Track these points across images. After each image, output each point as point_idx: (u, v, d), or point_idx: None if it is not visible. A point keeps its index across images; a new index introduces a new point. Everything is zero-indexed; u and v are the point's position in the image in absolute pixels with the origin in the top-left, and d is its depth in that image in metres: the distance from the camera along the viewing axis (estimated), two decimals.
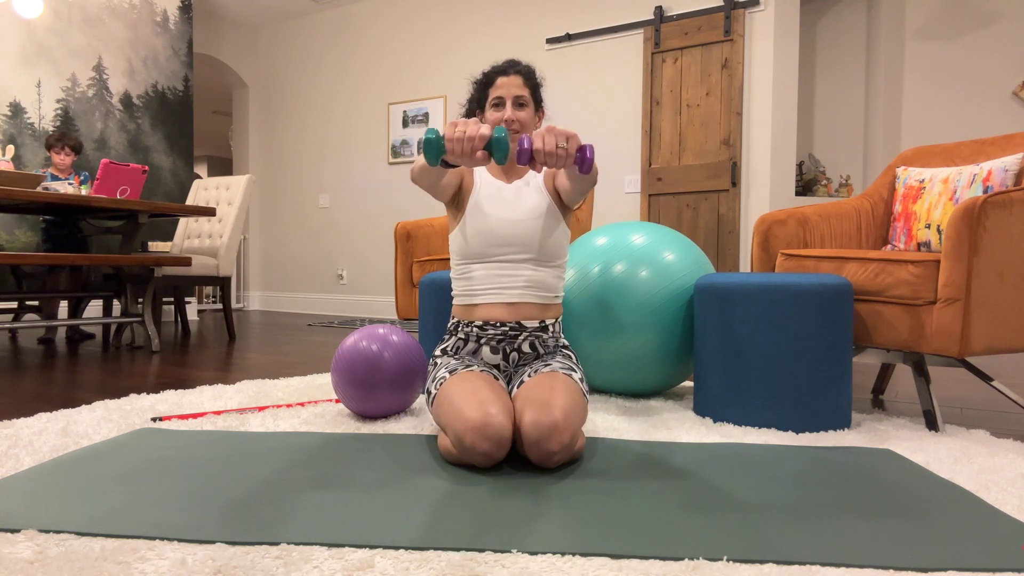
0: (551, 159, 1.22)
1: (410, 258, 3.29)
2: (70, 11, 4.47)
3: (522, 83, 1.60)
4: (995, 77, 4.24)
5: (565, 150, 1.22)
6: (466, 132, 1.19)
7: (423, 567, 0.88)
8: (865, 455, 1.45)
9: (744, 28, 4.18)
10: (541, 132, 1.22)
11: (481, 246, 1.56)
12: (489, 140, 1.19)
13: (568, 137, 1.22)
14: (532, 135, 1.24)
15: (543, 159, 1.22)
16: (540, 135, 1.22)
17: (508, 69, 1.61)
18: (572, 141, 1.22)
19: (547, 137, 1.21)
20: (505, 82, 1.60)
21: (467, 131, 1.19)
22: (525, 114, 1.60)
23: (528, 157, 1.22)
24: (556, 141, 1.21)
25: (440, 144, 1.20)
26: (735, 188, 4.22)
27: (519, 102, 1.59)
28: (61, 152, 3.55)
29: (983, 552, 0.94)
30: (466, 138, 1.19)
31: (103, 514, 1.05)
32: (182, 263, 3.26)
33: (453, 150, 1.21)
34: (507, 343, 1.57)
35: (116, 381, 2.38)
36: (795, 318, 1.65)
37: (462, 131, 1.20)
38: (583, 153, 1.23)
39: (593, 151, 1.24)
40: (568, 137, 1.22)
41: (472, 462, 1.29)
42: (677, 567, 0.89)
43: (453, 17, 5.42)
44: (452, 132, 1.20)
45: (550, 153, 1.21)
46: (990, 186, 1.88)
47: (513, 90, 1.59)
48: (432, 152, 1.19)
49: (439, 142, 1.19)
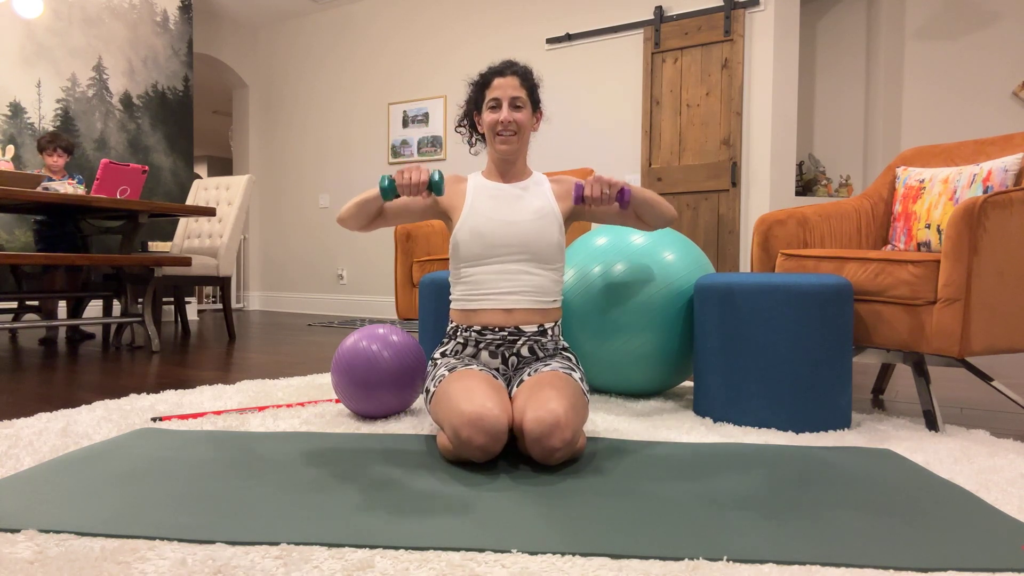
0: (598, 202, 1.56)
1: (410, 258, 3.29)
2: (70, 11, 4.47)
3: (519, 84, 1.60)
4: (995, 77, 4.24)
5: (608, 195, 1.55)
6: (411, 179, 1.50)
7: (423, 567, 0.88)
8: (865, 455, 1.45)
9: (744, 28, 4.18)
10: (590, 181, 1.54)
11: (479, 248, 1.57)
12: (430, 182, 1.51)
13: (612, 184, 1.54)
14: (584, 183, 1.56)
15: (591, 203, 1.56)
16: (590, 183, 1.55)
17: (505, 70, 1.61)
18: (614, 187, 1.55)
19: (595, 186, 1.54)
20: (502, 83, 1.59)
21: (411, 178, 1.50)
22: (522, 115, 1.60)
23: (580, 199, 1.58)
24: (602, 189, 1.54)
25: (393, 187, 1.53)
26: (735, 188, 4.22)
27: (516, 103, 1.59)
28: (54, 154, 3.53)
29: (983, 552, 0.94)
30: (412, 184, 1.50)
31: (103, 514, 1.05)
32: (182, 263, 3.26)
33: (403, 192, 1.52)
34: (506, 348, 1.57)
35: (116, 381, 2.38)
36: (795, 318, 1.65)
37: (408, 177, 1.50)
38: (622, 195, 1.57)
39: (629, 194, 1.57)
40: (612, 184, 1.54)
41: (468, 456, 1.29)
42: (677, 567, 0.89)
43: (453, 17, 5.42)
44: (401, 179, 1.51)
45: (597, 198, 1.55)
46: (990, 186, 1.88)
47: (509, 91, 1.59)
48: (389, 194, 1.53)
49: (392, 186, 1.53)
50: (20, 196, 2.62)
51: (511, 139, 1.60)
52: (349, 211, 1.64)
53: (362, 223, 1.66)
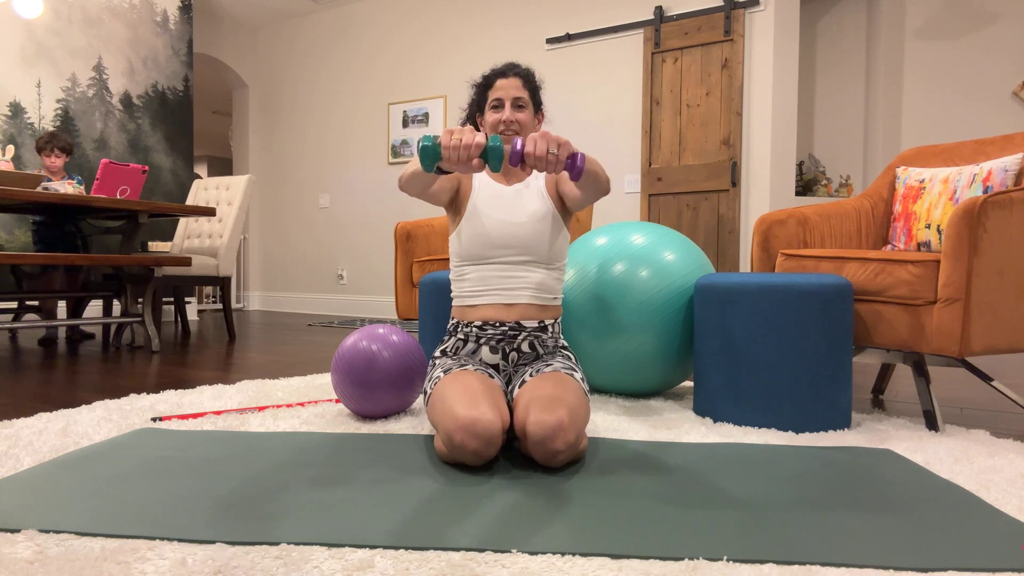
0: (541, 163, 1.22)
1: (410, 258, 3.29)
2: (70, 11, 4.47)
3: (521, 85, 1.61)
4: (995, 77, 4.24)
5: (556, 156, 1.22)
6: (462, 140, 1.20)
7: (423, 567, 0.88)
8: (865, 455, 1.45)
9: (744, 28, 4.18)
10: (534, 136, 1.23)
11: (480, 248, 1.57)
12: (484, 148, 1.20)
13: (560, 144, 1.22)
14: (525, 139, 1.25)
15: (533, 163, 1.22)
16: (532, 139, 1.22)
17: (507, 71, 1.62)
18: (563, 148, 1.22)
19: (539, 142, 1.22)
20: (504, 84, 1.61)
21: (463, 139, 1.20)
22: (524, 116, 1.60)
23: (519, 159, 1.23)
24: (547, 146, 1.21)
25: (437, 151, 1.21)
26: (735, 188, 4.22)
27: (518, 104, 1.60)
28: (52, 154, 3.51)
29: (983, 552, 0.94)
30: (462, 146, 1.20)
31: (103, 514, 1.05)
32: (182, 263, 3.26)
33: (449, 157, 1.22)
34: (506, 343, 1.57)
35: (116, 381, 2.38)
36: (795, 318, 1.65)
37: (458, 139, 1.21)
38: (573, 160, 1.23)
39: (584, 159, 1.25)
40: (560, 144, 1.22)
41: (462, 460, 1.29)
42: (677, 567, 0.89)
43: (453, 17, 5.42)
44: (448, 140, 1.21)
45: (540, 157, 1.22)
46: (990, 186, 1.88)
47: (512, 92, 1.60)
48: (428, 159, 1.21)
49: (436, 149, 1.20)
50: (20, 196, 2.62)
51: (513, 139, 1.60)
52: (407, 178, 1.48)
53: (418, 190, 1.50)
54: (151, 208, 3.13)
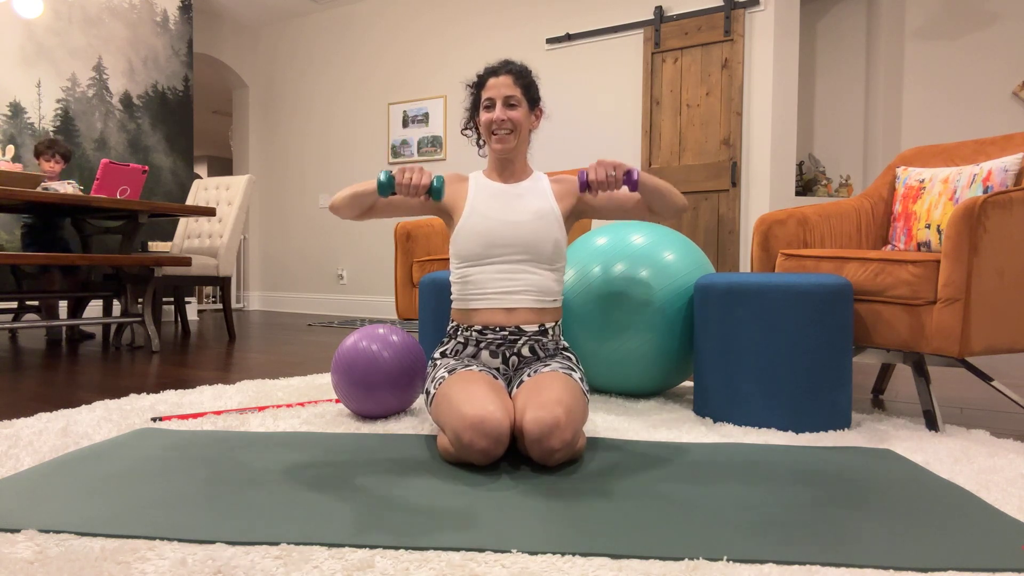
0: (604, 186, 1.51)
1: (410, 258, 3.29)
2: (70, 11, 4.47)
3: (512, 82, 1.59)
4: (995, 77, 4.24)
5: (615, 176, 1.50)
6: (412, 180, 1.48)
7: (423, 567, 0.88)
8: (865, 455, 1.45)
9: (744, 28, 4.18)
10: (593, 166, 1.50)
11: (480, 247, 1.57)
12: (430, 187, 1.51)
13: (615, 166, 1.50)
14: (587, 169, 1.52)
15: (597, 187, 1.51)
16: (593, 168, 1.50)
17: (499, 69, 1.61)
18: (619, 168, 1.51)
19: (598, 169, 1.50)
20: (495, 83, 1.60)
21: (413, 179, 1.48)
22: (517, 113, 1.59)
23: (586, 187, 1.52)
24: (607, 172, 1.50)
25: (392, 184, 1.50)
26: (735, 188, 4.22)
27: (510, 102, 1.59)
28: (51, 160, 3.49)
29: (983, 552, 0.94)
30: (412, 185, 1.48)
31: (103, 514, 1.05)
32: (182, 263, 3.26)
33: (401, 191, 1.50)
34: (506, 347, 1.57)
35: (116, 381, 2.38)
36: (795, 318, 1.65)
37: (409, 177, 1.48)
38: (629, 175, 1.53)
39: (637, 174, 1.53)
40: (615, 166, 1.50)
41: (470, 460, 1.29)
42: (677, 567, 0.89)
43: (453, 17, 5.42)
44: (401, 178, 1.49)
45: (602, 182, 1.50)
46: (990, 186, 1.88)
47: (503, 90, 1.59)
48: (386, 191, 1.50)
49: (391, 182, 1.50)
50: (21, 196, 2.62)
51: (507, 137, 1.60)
52: (343, 200, 1.62)
53: (355, 213, 1.65)
54: (151, 208, 3.13)
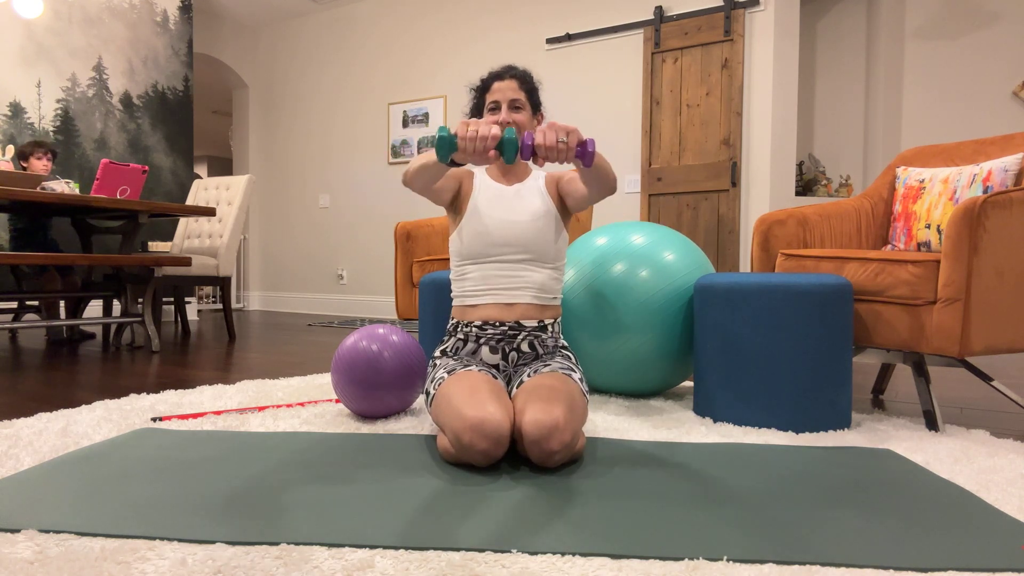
0: (552, 153, 1.26)
1: (410, 258, 3.29)
2: (70, 11, 4.47)
3: (517, 86, 1.62)
4: (995, 77, 4.24)
5: (566, 144, 1.25)
6: (479, 132, 1.24)
7: (423, 567, 0.88)
8: (865, 455, 1.45)
9: (744, 28, 4.18)
10: (543, 128, 1.26)
11: (480, 247, 1.57)
12: (500, 140, 1.23)
13: (568, 132, 1.25)
14: (534, 131, 1.28)
15: (544, 153, 1.26)
16: (541, 131, 1.26)
17: (504, 74, 1.64)
18: (572, 135, 1.26)
19: (548, 133, 1.25)
20: (501, 86, 1.62)
21: (479, 131, 1.24)
22: (521, 116, 1.62)
23: (531, 152, 1.26)
24: (556, 136, 1.25)
25: (453, 142, 1.23)
26: (735, 188, 4.22)
27: (515, 105, 1.61)
28: (43, 158, 3.44)
29: (983, 552, 0.94)
30: (479, 137, 1.24)
31: (103, 514, 1.05)
32: (182, 263, 3.26)
33: (465, 148, 1.25)
34: (506, 343, 1.57)
35: (116, 381, 2.38)
36: (795, 318, 1.65)
37: (475, 130, 1.24)
38: (584, 147, 1.27)
39: (594, 144, 1.28)
40: (568, 132, 1.25)
41: (470, 461, 1.29)
42: (677, 567, 0.89)
43: (453, 17, 5.42)
44: (465, 131, 1.24)
45: (551, 147, 1.25)
46: (990, 186, 1.88)
47: (508, 94, 1.61)
48: (444, 149, 1.23)
49: (452, 140, 1.23)
50: (20, 196, 2.62)
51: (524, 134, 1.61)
52: (414, 170, 1.49)
53: (425, 183, 1.51)
54: (151, 208, 3.13)
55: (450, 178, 1.62)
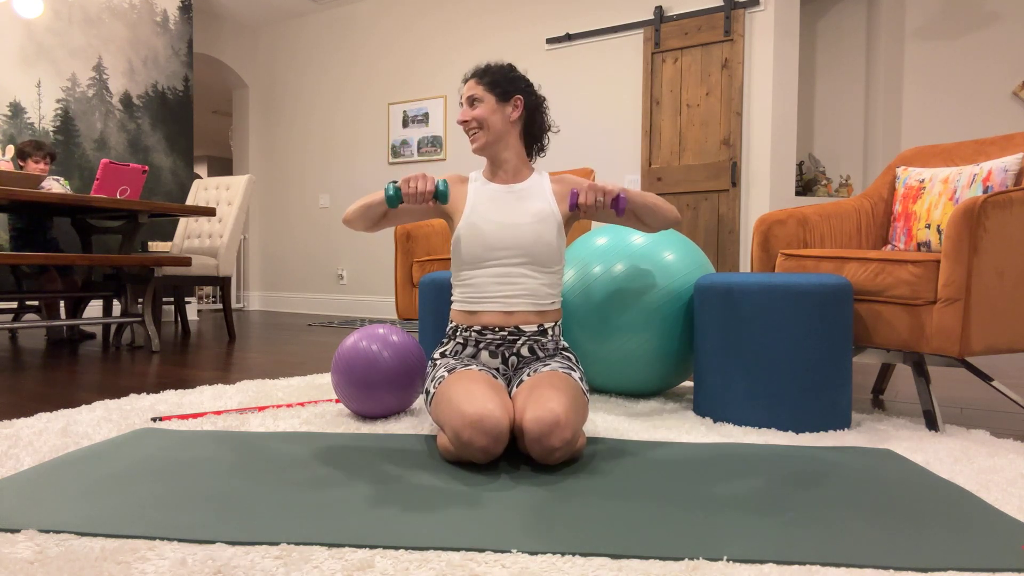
0: (591, 211, 1.61)
1: (410, 258, 3.29)
2: (70, 11, 4.47)
3: (475, 83, 1.65)
4: (995, 77, 4.24)
5: (602, 203, 1.54)
6: (418, 187, 1.51)
7: (423, 567, 0.88)
8: (865, 455, 1.45)
9: (744, 28, 4.18)
10: (585, 188, 1.54)
11: (479, 250, 1.57)
12: (436, 191, 1.52)
13: (605, 192, 1.54)
14: (579, 190, 1.56)
15: (585, 211, 1.59)
16: (584, 191, 1.54)
17: (469, 76, 1.69)
18: (608, 195, 1.54)
19: (588, 194, 1.54)
20: (464, 88, 1.68)
21: (418, 186, 1.51)
22: (479, 111, 1.62)
23: (574, 207, 1.58)
24: (596, 197, 1.54)
25: (399, 195, 1.54)
26: (735, 188, 4.22)
27: (472, 101, 1.64)
28: (41, 161, 3.42)
29: (983, 552, 0.94)
30: (417, 192, 1.51)
31: (103, 514, 1.05)
32: (182, 263, 3.26)
33: (409, 201, 1.53)
34: (505, 347, 1.58)
35: (116, 381, 2.38)
36: (795, 318, 1.65)
37: (414, 186, 1.51)
38: (617, 202, 1.56)
39: (625, 201, 1.55)
40: (605, 192, 1.54)
41: (470, 458, 1.30)
42: (677, 567, 0.89)
43: (453, 17, 5.42)
44: (407, 188, 1.52)
45: (590, 206, 1.56)
46: (990, 186, 1.88)
47: (467, 92, 1.65)
48: (394, 201, 1.54)
49: (398, 194, 1.53)
50: (20, 196, 2.62)
51: (476, 135, 1.64)
52: (355, 213, 1.68)
53: (367, 225, 1.71)
54: (151, 208, 3.13)
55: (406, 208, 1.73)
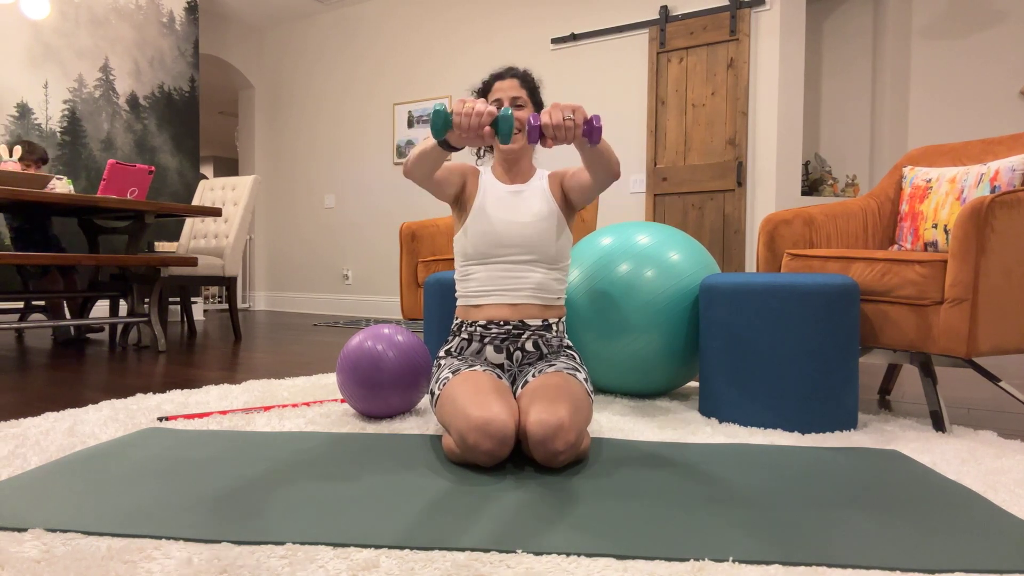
0: (560, 131, 1.26)
1: (415, 258, 3.29)
2: (77, 12, 4.49)
3: (518, 85, 1.64)
4: (1002, 76, 4.22)
5: (572, 121, 1.25)
6: (474, 108, 1.25)
7: (428, 567, 0.88)
8: (872, 456, 1.44)
9: (750, 28, 4.17)
10: (547, 109, 1.27)
11: (485, 247, 1.58)
12: (495, 117, 1.24)
13: (574, 109, 1.26)
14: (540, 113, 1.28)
15: (552, 133, 1.26)
16: (547, 111, 1.27)
17: (505, 74, 1.66)
18: (578, 112, 1.26)
19: (553, 112, 1.26)
20: (503, 85, 1.64)
21: (476, 107, 1.25)
22: (523, 114, 1.63)
23: (538, 134, 1.26)
24: (563, 114, 1.25)
25: (448, 118, 1.24)
26: (741, 188, 4.21)
27: (516, 103, 1.63)
28: (32, 165, 3.37)
29: (990, 554, 0.94)
30: (474, 113, 1.25)
31: (109, 513, 1.05)
32: (188, 263, 3.27)
33: (460, 124, 1.26)
34: (511, 342, 1.57)
35: (122, 381, 2.39)
36: (801, 318, 1.65)
37: (471, 107, 1.25)
38: (591, 123, 1.26)
39: (600, 120, 1.27)
40: (574, 109, 1.26)
41: (475, 461, 1.29)
42: (682, 568, 0.89)
43: (458, 18, 5.42)
44: (461, 107, 1.26)
45: (558, 126, 1.25)
46: (997, 186, 1.87)
47: (510, 92, 1.63)
48: (439, 124, 1.24)
49: (447, 115, 1.24)
50: (27, 196, 2.63)
51: (516, 136, 1.63)
52: (413, 159, 1.49)
53: (424, 174, 1.51)
54: (157, 208, 3.14)
55: (454, 172, 1.62)
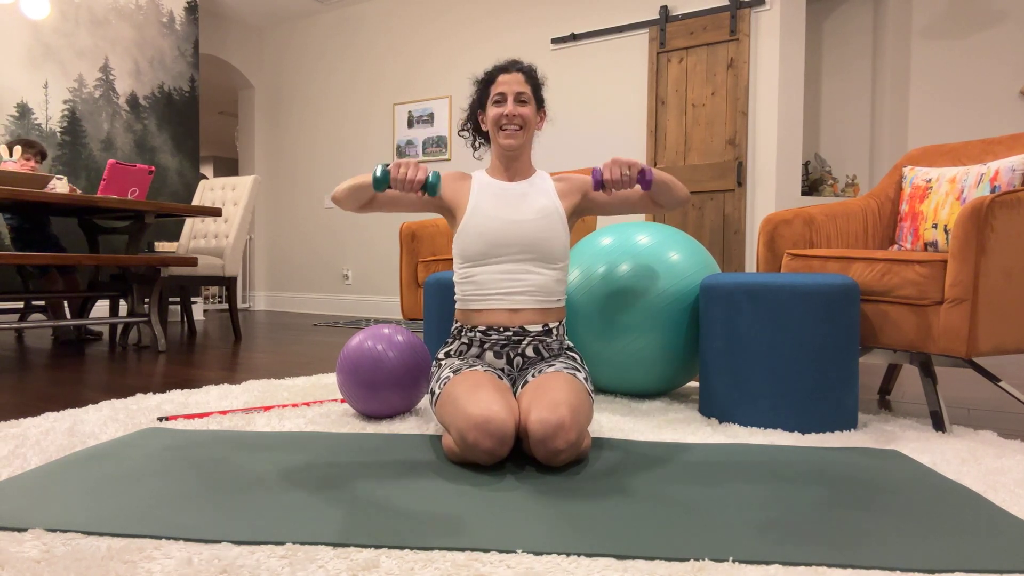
0: (618, 185, 1.51)
1: (415, 258, 3.29)
2: (77, 12, 4.49)
3: (523, 80, 1.62)
4: (1002, 76, 4.22)
5: (629, 176, 1.50)
6: (407, 175, 1.46)
7: (428, 567, 0.88)
8: (872, 456, 1.44)
9: (750, 28, 4.17)
10: (608, 165, 1.50)
11: (483, 246, 1.57)
12: (425, 181, 1.48)
13: (631, 165, 1.50)
14: (602, 167, 1.51)
15: (612, 186, 1.52)
16: (607, 166, 1.50)
17: (510, 67, 1.63)
18: (634, 168, 1.51)
19: (613, 168, 1.50)
20: (507, 79, 1.62)
21: (408, 174, 1.46)
22: (527, 110, 1.61)
23: (599, 185, 1.53)
24: (621, 171, 1.50)
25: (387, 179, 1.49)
26: (741, 188, 4.21)
27: (520, 99, 1.61)
28: (32, 159, 3.37)
29: (990, 554, 0.94)
30: (407, 179, 1.46)
31: (109, 513, 1.05)
32: (188, 263, 3.27)
33: (396, 185, 1.48)
34: (510, 348, 1.57)
35: (122, 381, 2.39)
36: (801, 318, 1.65)
37: (404, 172, 1.46)
38: (643, 175, 1.53)
39: (652, 173, 1.53)
40: (631, 165, 1.50)
41: (475, 460, 1.29)
42: (682, 568, 0.89)
43: (458, 18, 5.42)
44: (396, 172, 1.46)
45: (617, 181, 1.50)
46: (997, 186, 1.87)
47: (515, 87, 1.60)
48: (381, 185, 1.48)
49: (386, 178, 1.48)
50: (28, 196, 2.63)
51: (516, 133, 1.61)
52: (343, 192, 1.62)
53: (355, 206, 1.65)
54: (157, 208, 3.14)
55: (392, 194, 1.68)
